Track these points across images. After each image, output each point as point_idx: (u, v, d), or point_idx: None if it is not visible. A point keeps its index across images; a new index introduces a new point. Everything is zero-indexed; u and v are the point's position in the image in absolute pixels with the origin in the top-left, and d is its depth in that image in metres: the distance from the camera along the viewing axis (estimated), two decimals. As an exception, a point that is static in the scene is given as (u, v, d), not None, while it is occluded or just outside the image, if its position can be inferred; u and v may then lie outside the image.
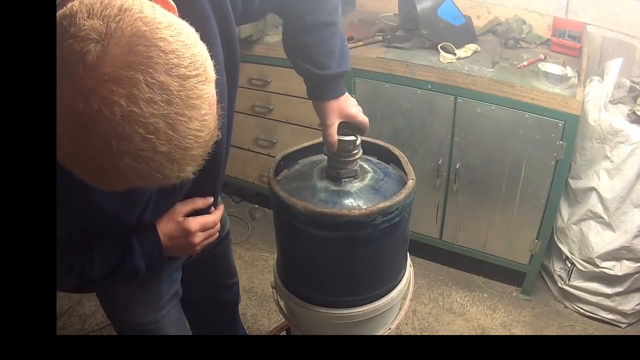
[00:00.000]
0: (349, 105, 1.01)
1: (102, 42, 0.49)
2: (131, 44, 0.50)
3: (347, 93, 1.03)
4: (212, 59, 0.57)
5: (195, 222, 0.91)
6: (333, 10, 0.97)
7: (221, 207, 1.00)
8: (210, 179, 0.95)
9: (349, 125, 1.02)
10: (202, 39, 0.57)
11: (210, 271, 1.29)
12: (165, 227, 0.89)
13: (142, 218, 0.84)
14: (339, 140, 0.98)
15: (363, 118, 1.02)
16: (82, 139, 0.51)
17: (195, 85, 0.53)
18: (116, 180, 0.55)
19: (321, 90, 1.00)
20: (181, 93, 0.51)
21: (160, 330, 1.09)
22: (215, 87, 0.58)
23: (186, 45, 0.53)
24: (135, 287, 1.01)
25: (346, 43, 1.03)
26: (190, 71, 0.52)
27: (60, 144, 0.52)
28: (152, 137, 0.51)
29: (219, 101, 0.59)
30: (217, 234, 0.98)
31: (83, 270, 0.82)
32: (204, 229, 0.93)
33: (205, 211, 0.96)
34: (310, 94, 1.03)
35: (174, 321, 1.12)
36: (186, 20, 0.57)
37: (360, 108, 1.04)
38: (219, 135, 0.59)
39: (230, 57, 0.83)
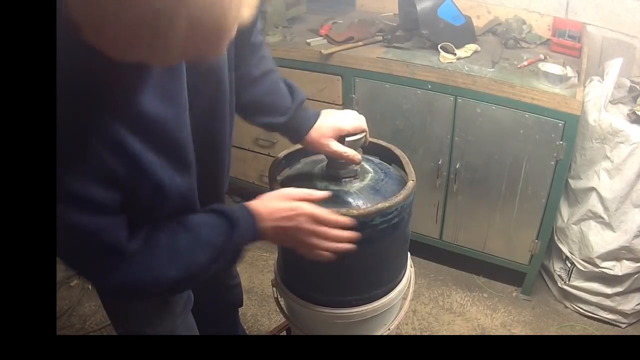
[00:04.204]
0: (330, 122, 1.00)
1: None
2: None
3: (321, 112, 1.02)
4: None
5: (307, 205, 0.84)
6: (270, 59, 1.02)
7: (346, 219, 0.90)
8: (216, 173, 0.92)
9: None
10: None
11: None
12: (262, 203, 0.84)
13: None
14: (347, 142, 0.99)
15: (353, 126, 1.00)
16: None
17: None
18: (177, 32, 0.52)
19: (298, 128, 1.01)
20: None
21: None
22: None
23: None
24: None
25: (289, 81, 1.04)
26: None
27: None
28: None
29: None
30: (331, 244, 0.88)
31: (191, 252, 0.76)
32: (318, 220, 0.85)
33: None
34: (293, 139, 1.03)
35: (189, 330, 1.09)
36: None
37: (346, 115, 1.02)
38: None
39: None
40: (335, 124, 1.00)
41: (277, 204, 0.84)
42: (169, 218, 0.79)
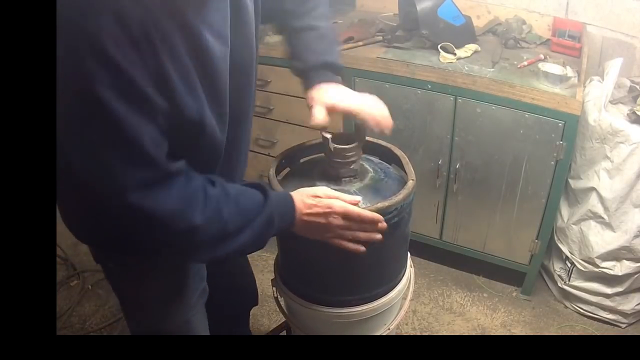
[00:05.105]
0: (330, 91, 0.99)
1: None
2: None
3: (336, 85, 1.01)
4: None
5: (340, 203, 0.88)
6: (320, 16, 1.01)
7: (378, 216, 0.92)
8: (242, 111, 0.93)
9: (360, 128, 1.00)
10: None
11: (227, 271, 1.26)
12: (300, 195, 0.88)
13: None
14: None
15: (346, 107, 0.97)
16: None
17: None
18: None
19: (305, 80, 1.02)
20: None
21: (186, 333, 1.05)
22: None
23: None
24: (165, 284, 0.99)
25: (337, 46, 1.04)
26: None
27: None
28: None
29: None
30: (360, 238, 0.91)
31: (220, 210, 0.77)
32: (346, 216, 0.88)
33: None
34: (303, 85, 1.04)
35: (200, 325, 1.08)
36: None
37: (352, 100, 0.99)
38: None
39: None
40: (334, 99, 0.98)
41: (303, 196, 0.88)
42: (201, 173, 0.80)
